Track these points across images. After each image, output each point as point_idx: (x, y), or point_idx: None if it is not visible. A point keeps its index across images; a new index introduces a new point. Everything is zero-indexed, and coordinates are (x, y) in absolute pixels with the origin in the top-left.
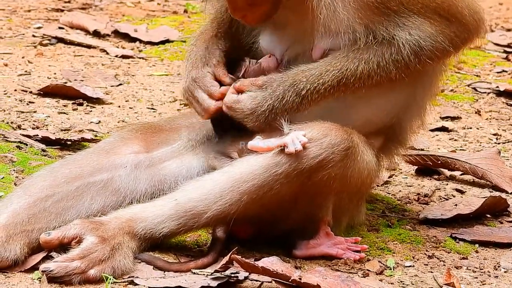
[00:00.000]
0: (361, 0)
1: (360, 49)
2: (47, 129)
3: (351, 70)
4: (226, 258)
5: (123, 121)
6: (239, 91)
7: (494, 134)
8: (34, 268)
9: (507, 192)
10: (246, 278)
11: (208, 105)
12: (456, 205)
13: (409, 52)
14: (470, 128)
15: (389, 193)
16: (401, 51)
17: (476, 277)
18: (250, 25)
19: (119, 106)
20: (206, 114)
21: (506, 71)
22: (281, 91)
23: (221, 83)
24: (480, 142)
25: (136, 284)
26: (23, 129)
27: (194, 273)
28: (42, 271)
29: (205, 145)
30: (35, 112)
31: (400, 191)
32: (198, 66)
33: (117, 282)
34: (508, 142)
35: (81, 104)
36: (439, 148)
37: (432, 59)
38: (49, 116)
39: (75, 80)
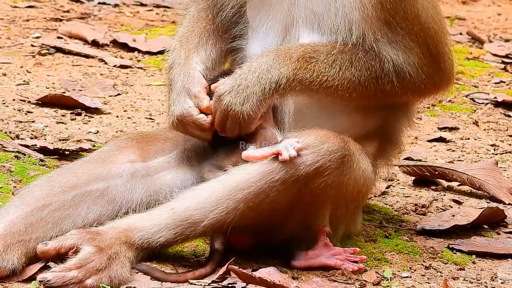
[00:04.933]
0: (378, 1)
1: (344, 45)
2: (45, 139)
3: (324, 53)
4: (223, 269)
5: (121, 131)
6: None
7: (492, 145)
8: (32, 278)
9: (504, 203)
10: None
11: (205, 136)
12: (453, 216)
13: (390, 69)
14: (468, 138)
15: (387, 204)
16: (383, 66)
17: None
18: None
19: (117, 116)
20: (206, 140)
21: (504, 82)
22: (248, 65)
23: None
24: (478, 153)
25: None
26: (21, 138)
27: (192, 284)
28: (39, 281)
29: (201, 156)
30: (33, 121)
31: (397, 201)
32: (180, 101)
33: None
34: (505, 153)
35: (79, 114)
36: (436, 159)
37: (406, 88)
38: (47, 126)
39: (73, 90)
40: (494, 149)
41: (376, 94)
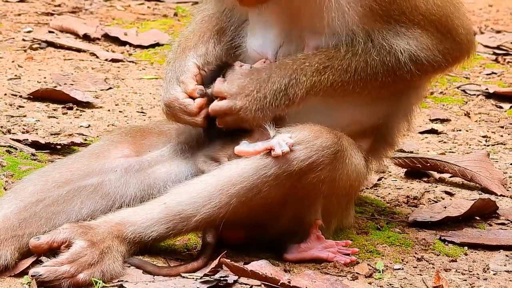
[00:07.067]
0: (366, 6)
1: (354, 47)
2: (37, 133)
3: (338, 59)
4: (215, 262)
5: (113, 125)
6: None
7: (484, 136)
8: (24, 272)
9: (496, 195)
10: (235, 281)
11: (195, 121)
12: (445, 207)
13: (406, 60)
14: (460, 130)
15: (378, 196)
16: (398, 58)
17: (465, 280)
18: (245, 6)
19: (109, 110)
20: (199, 126)
21: (495, 73)
22: (267, 73)
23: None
24: (470, 144)
25: None
26: (13, 133)
27: (184, 277)
28: (31, 276)
29: (195, 148)
30: (25, 116)
31: (389, 193)
32: (169, 88)
33: (107, 286)
34: (497, 144)
35: (71, 108)
36: (428, 151)
37: (426, 71)
38: (39, 120)
39: (65, 84)
40: (486, 141)
41: (395, 82)
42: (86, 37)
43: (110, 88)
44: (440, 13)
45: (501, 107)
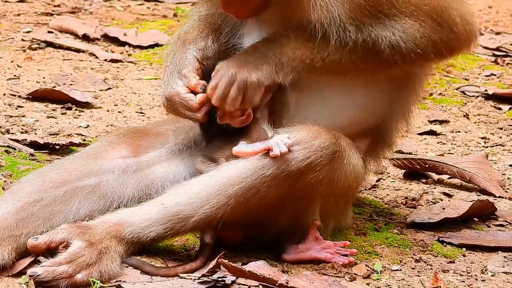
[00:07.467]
0: (354, 2)
1: (346, 39)
2: (35, 134)
3: (322, 43)
4: (213, 262)
5: (111, 125)
6: None
7: (482, 138)
8: (22, 272)
9: (494, 196)
10: (233, 282)
11: (196, 117)
12: (443, 208)
13: (385, 47)
14: (459, 131)
15: (377, 197)
16: (392, 48)
17: (463, 281)
18: (241, 19)
19: (108, 110)
20: (199, 121)
21: (495, 75)
22: (258, 54)
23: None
24: (468, 146)
25: None
26: (12, 133)
27: (181, 278)
28: (29, 276)
29: (192, 149)
30: (23, 116)
31: (387, 195)
32: (170, 81)
33: (104, 286)
34: (496, 145)
35: (70, 108)
36: (427, 152)
37: (410, 61)
38: (37, 121)
39: (64, 84)
40: (485, 142)
41: (377, 65)
42: (85, 37)
43: (109, 88)
44: (433, 3)
45: (500, 109)
